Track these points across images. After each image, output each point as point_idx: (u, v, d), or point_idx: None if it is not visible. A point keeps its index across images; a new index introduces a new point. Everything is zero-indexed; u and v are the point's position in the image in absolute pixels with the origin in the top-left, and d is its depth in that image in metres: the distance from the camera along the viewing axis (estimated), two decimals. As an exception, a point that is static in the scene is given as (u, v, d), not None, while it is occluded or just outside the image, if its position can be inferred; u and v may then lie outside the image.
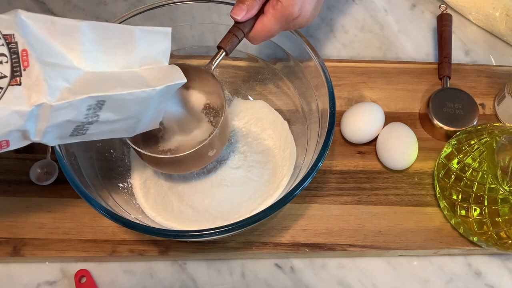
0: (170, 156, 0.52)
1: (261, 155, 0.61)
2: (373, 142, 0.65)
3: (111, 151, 0.60)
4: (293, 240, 0.58)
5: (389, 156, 0.62)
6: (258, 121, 0.63)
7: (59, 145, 0.50)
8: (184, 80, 0.46)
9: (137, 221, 0.51)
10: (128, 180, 0.60)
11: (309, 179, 0.49)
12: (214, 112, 0.54)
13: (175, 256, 0.58)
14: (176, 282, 0.58)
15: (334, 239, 0.59)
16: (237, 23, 0.50)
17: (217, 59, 0.51)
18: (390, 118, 0.66)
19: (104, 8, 0.77)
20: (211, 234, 0.47)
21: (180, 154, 0.51)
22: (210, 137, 0.51)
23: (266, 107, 0.64)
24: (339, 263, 0.60)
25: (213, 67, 0.52)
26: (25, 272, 0.57)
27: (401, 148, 0.62)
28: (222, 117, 0.52)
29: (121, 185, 0.59)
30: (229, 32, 0.51)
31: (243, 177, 0.59)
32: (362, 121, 0.63)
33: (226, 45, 0.51)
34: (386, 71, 0.71)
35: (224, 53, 0.51)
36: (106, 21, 0.75)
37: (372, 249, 0.59)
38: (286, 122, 0.63)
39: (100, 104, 0.42)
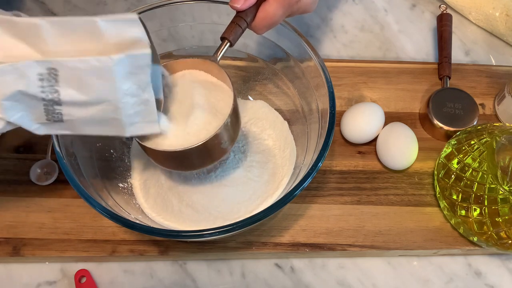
0: (180, 149, 0.48)
1: (261, 155, 0.61)
2: (373, 142, 0.65)
3: (111, 151, 0.60)
4: (293, 240, 0.58)
5: (389, 156, 0.62)
6: (258, 121, 0.63)
7: (59, 145, 0.50)
8: (147, 50, 0.42)
9: (137, 221, 0.51)
10: (128, 180, 0.60)
11: (309, 179, 0.49)
12: (223, 102, 0.52)
13: (175, 256, 0.58)
14: (176, 282, 0.58)
15: (334, 239, 0.59)
16: (238, 12, 0.49)
17: (222, 50, 0.50)
18: (390, 118, 0.66)
19: (104, 8, 0.77)
20: (211, 234, 0.47)
21: (190, 146, 0.47)
22: (220, 126, 0.48)
23: (266, 107, 0.64)
24: (339, 263, 0.60)
25: (218, 58, 0.50)
26: (25, 272, 0.57)
27: (401, 148, 0.62)
28: (232, 106, 0.49)
29: (121, 185, 0.59)
30: (232, 22, 0.50)
31: (243, 177, 0.59)
32: (362, 121, 0.63)
33: (229, 35, 0.49)
34: (386, 71, 0.71)
35: (228, 44, 0.50)
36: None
37: (372, 249, 0.59)
38: (286, 122, 0.63)
39: (53, 74, 0.40)
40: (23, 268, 0.57)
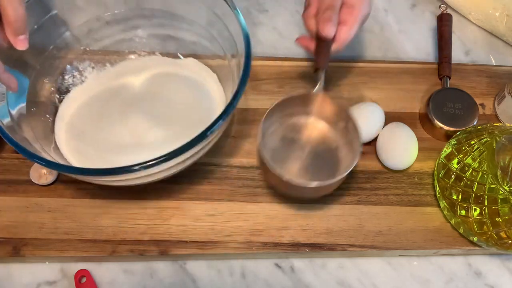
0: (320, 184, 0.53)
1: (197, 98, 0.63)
2: (373, 142, 0.64)
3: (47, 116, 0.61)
4: (293, 240, 0.58)
5: (389, 156, 0.62)
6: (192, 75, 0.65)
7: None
8: None
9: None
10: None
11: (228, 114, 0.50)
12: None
13: (175, 256, 0.58)
14: (176, 282, 0.58)
15: (334, 239, 0.59)
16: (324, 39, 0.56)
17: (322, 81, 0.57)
18: (390, 118, 0.66)
19: (104, 8, 0.77)
20: (138, 169, 0.47)
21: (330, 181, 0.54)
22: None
23: (195, 62, 0.66)
24: (339, 263, 0.60)
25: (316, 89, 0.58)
26: (25, 272, 0.57)
27: (401, 148, 0.62)
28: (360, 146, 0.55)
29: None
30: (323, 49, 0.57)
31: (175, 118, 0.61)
32: (362, 121, 0.63)
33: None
34: (386, 71, 0.71)
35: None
36: (107, 22, 0.76)
37: (372, 249, 0.59)
38: (215, 74, 0.64)
39: None
40: (23, 268, 0.57)
